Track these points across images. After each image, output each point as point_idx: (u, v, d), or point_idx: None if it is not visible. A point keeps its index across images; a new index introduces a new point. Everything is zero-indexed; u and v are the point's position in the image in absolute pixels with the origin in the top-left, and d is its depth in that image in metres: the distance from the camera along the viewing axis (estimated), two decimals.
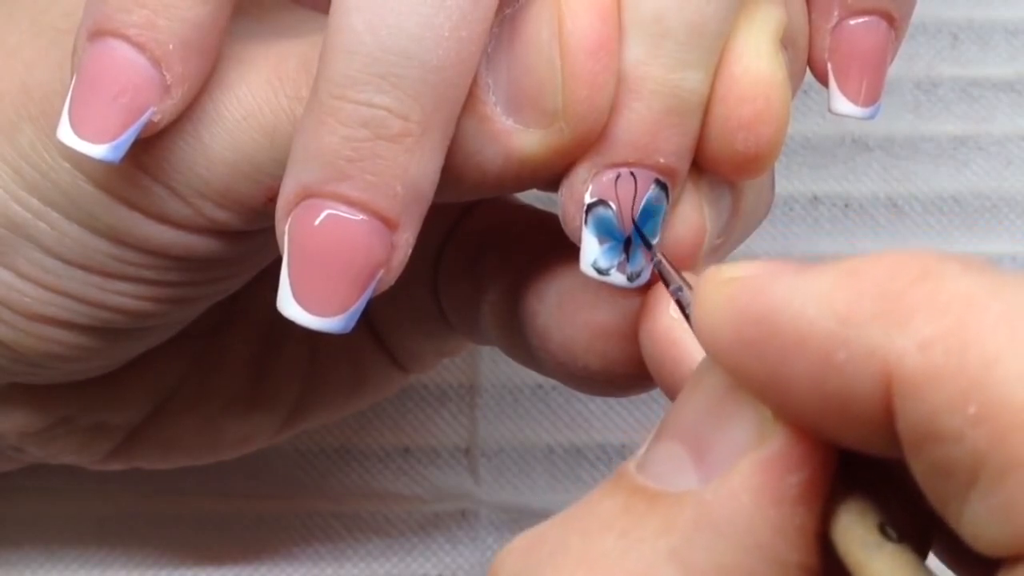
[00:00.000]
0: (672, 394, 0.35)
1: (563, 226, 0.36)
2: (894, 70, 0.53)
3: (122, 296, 0.38)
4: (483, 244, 0.42)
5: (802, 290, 0.27)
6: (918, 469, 0.26)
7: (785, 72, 0.35)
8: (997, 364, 0.25)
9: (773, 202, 0.40)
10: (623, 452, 0.52)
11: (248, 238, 0.37)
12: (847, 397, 0.26)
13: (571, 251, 0.36)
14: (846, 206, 0.53)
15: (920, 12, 0.53)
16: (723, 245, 0.38)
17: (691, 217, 0.36)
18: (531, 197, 0.42)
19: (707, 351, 0.28)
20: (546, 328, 0.38)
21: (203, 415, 0.45)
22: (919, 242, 0.53)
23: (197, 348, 0.44)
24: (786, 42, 0.36)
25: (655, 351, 0.36)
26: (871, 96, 0.38)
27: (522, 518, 0.52)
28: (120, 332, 0.39)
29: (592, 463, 0.52)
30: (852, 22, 0.37)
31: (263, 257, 0.39)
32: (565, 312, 0.38)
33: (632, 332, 0.37)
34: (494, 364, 0.52)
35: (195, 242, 0.37)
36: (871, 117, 0.38)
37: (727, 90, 0.35)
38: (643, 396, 0.51)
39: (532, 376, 0.52)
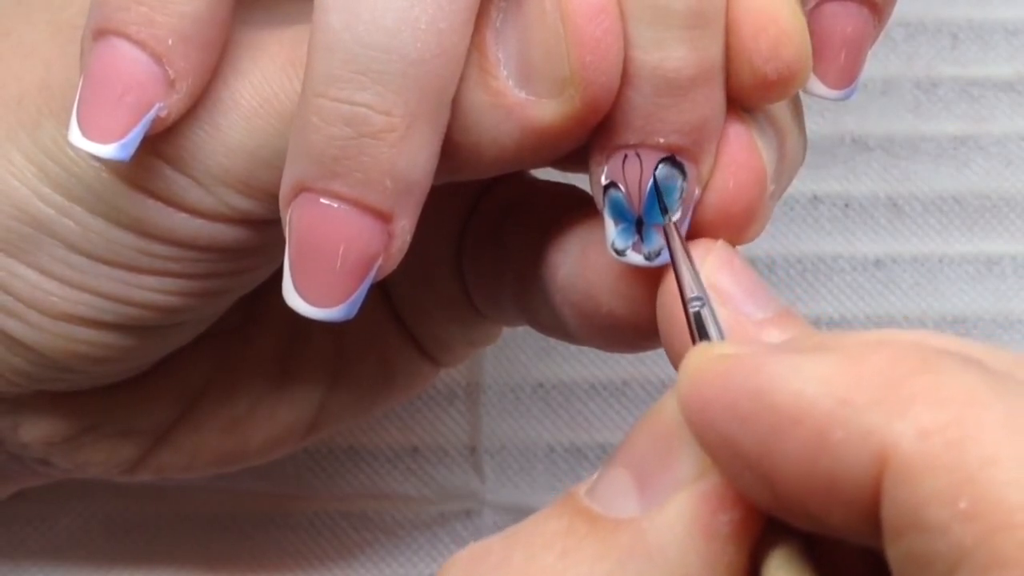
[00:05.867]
0: (676, 361, 0.35)
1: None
2: (894, 70, 0.53)
3: (149, 291, 0.38)
4: (503, 219, 0.42)
5: (802, 371, 0.27)
6: (894, 555, 0.27)
7: None
8: (994, 464, 0.26)
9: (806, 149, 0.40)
10: None
11: (271, 226, 0.37)
12: (837, 476, 0.27)
13: (592, 211, 0.37)
14: (846, 206, 0.53)
15: (920, 12, 0.53)
16: (775, 192, 0.38)
17: (752, 161, 0.36)
18: (550, 174, 0.42)
19: (690, 422, 0.29)
20: (569, 278, 0.38)
21: (230, 416, 0.45)
22: (919, 242, 0.53)
23: (221, 347, 0.44)
24: None
25: (667, 315, 0.36)
26: (845, 79, 0.38)
27: (524, 518, 0.52)
28: (147, 330, 0.39)
29: (592, 463, 0.51)
30: (831, 5, 0.37)
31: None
32: (589, 257, 0.38)
33: (656, 273, 0.37)
34: (497, 363, 0.52)
35: (219, 231, 0.37)
36: (845, 99, 0.38)
37: (739, 30, 0.35)
38: (643, 397, 0.52)
39: (533, 375, 0.52)
